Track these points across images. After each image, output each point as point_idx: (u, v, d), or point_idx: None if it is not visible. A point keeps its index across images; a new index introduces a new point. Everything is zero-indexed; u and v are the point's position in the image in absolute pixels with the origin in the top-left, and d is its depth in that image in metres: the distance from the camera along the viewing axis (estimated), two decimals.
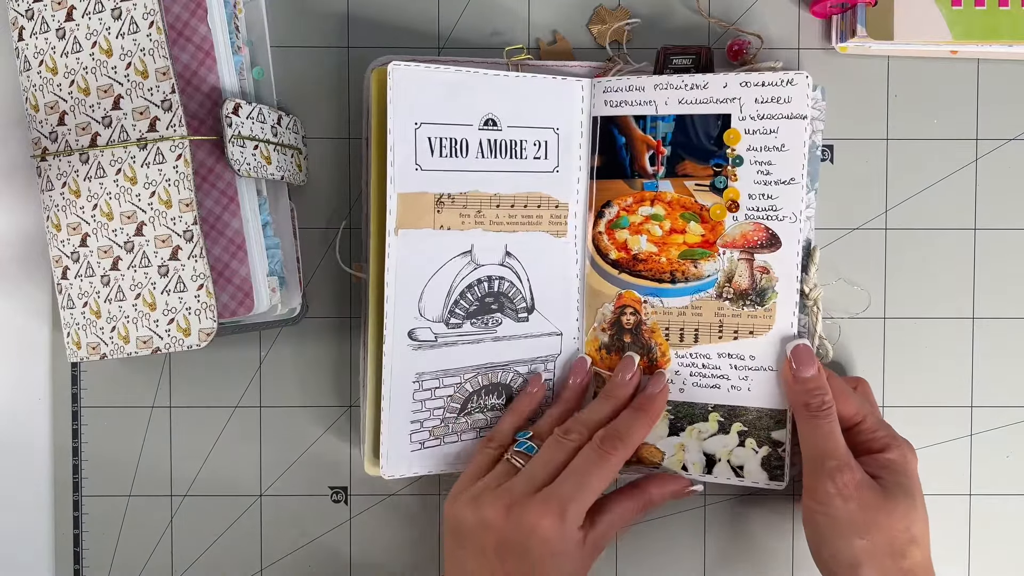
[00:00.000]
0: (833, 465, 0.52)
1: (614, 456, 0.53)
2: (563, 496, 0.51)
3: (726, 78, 0.56)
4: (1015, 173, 0.61)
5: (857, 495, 0.52)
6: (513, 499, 0.52)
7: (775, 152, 0.56)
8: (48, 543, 0.63)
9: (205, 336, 0.54)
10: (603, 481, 0.53)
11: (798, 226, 0.56)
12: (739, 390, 0.57)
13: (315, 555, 0.63)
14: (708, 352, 0.58)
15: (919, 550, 0.52)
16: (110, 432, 0.63)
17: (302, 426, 0.62)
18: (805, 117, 0.55)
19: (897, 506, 0.52)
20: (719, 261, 0.58)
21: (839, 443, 0.53)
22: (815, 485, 0.53)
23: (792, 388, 0.55)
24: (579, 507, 0.52)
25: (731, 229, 0.57)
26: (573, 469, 0.53)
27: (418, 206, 0.56)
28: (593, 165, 0.59)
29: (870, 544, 0.51)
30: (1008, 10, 0.57)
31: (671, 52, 0.57)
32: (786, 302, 0.57)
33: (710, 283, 0.58)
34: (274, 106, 0.59)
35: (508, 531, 0.51)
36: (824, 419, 0.54)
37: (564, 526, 0.51)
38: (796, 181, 0.56)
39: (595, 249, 0.60)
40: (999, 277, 0.61)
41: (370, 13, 0.61)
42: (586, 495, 0.52)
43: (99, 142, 0.55)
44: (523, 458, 0.55)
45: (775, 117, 0.56)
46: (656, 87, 0.57)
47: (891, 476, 0.53)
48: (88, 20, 0.55)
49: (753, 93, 0.56)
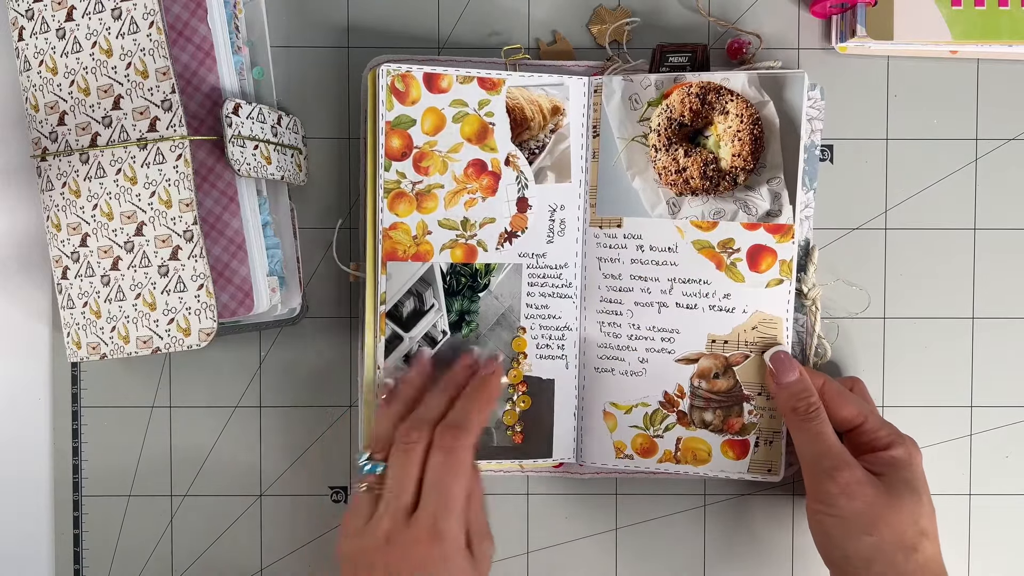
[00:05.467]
0: (830, 464, 0.52)
1: (459, 450, 0.52)
2: (433, 516, 0.50)
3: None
4: (1015, 173, 0.61)
5: (860, 492, 0.52)
6: (388, 530, 0.51)
7: None
8: (48, 543, 0.63)
9: (205, 336, 0.54)
10: (461, 481, 0.51)
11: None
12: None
13: (315, 555, 0.63)
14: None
15: (930, 543, 0.53)
16: (110, 432, 0.63)
17: (302, 426, 0.62)
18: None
19: (902, 501, 0.52)
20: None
21: (832, 443, 0.53)
22: (817, 488, 0.53)
23: (777, 395, 0.56)
24: (452, 521, 0.51)
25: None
26: (431, 484, 0.51)
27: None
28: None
29: (879, 540, 0.51)
30: (1008, 10, 0.57)
31: (667, 50, 0.57)
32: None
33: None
34: (274, 106, 0.59)
35: (396, 564, 0.50)
36: (813, 421, 0.54)
37: (446, 545, 0.50)
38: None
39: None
40: (999, 277, 0.61)
41: (370, 13, 0.61)
42: (453, 504, 0.51)
43: (99, 142, 0.55)
44: (377, 481, 0.53)
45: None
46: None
47: (895, 473, 0.53)
48: (88, 20, 0.55)
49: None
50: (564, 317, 0.59)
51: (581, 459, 0.61)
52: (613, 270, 0.59)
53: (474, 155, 0.58)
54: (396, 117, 0.57)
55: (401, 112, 0.57)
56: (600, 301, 0.59)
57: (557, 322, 0.59)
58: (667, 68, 0.57)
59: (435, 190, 0.58)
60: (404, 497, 0.51)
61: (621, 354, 0.59)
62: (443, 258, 0.58)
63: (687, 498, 0.62)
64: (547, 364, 0.60)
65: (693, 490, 0.62)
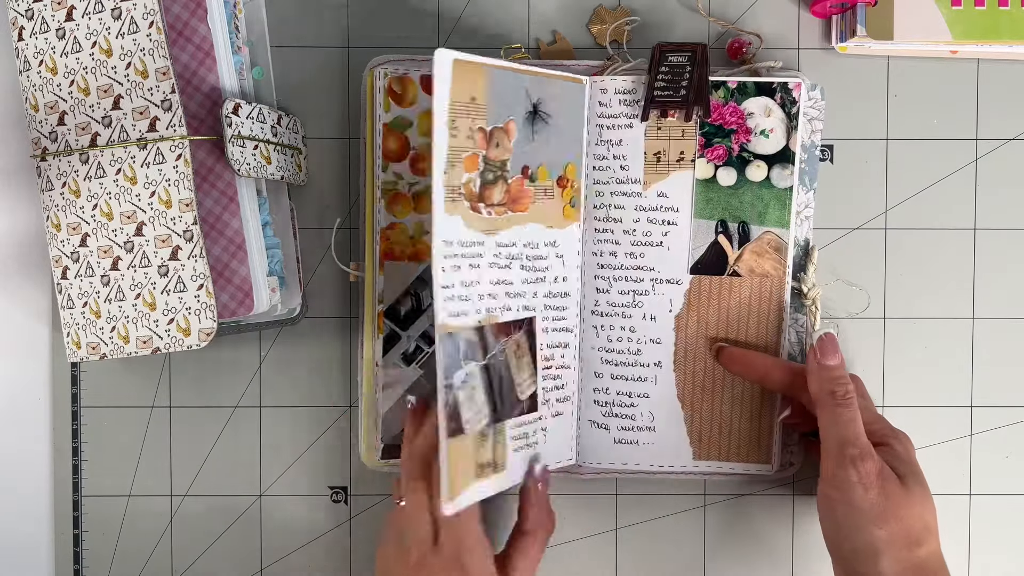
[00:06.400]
0: (855, 452, 0.52)
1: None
2: (456, 552, 0.52)
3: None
4: (1015, 173, 0.61)
5: (879, 484, 0.52)
6: (417, 559, 0.53)
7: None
8: (48, 543, 0.63)
9: (205, 336, 0.54)
10: (471, 514, 0.53)
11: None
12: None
13: (315, 555, 0.63)
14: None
15: (933, 538, 0.53)
16: (110, 432, 0.63)
17: (302, 426, 0.62)
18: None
19: (913, 496, 0.52)
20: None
21: (860, 431, 0.53)
22: (835, 473, 0.53)
23: (817, 376, 0.55)
24: (475, 556, 0.53)
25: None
26: (442, 521, 0.53)
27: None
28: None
29: (888, 534, 0.51)
30: (1008, 10, 0.57)
31: (666, 49, 0.57)
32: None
33: None
34: (274, 106, 0.59)
35: None
36: (848, 407, 0.54)
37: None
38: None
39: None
40: (999, 277, 0.61)
41: (370, 13, 0.61)
42: (471, 542, 0.53)
43: (99, 142, 0.55)
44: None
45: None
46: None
47: (903, 466, 0.53)
48: (88, 20, 0.55)
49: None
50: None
51: (581, 459, 0.61)
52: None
53: None
54: (393, 119, 0.58)
55: (398, 114, 0.57)
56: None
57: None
58: (666, 68, 0.57)
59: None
60: (422, 531, 0.53)
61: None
62: None
63: (687, 498, 0.62)
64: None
65: (693, 490, 0.62)
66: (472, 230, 0.52)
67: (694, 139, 0.58)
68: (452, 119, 0.49)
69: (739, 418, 0.59)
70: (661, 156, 0.58)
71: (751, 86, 0.57)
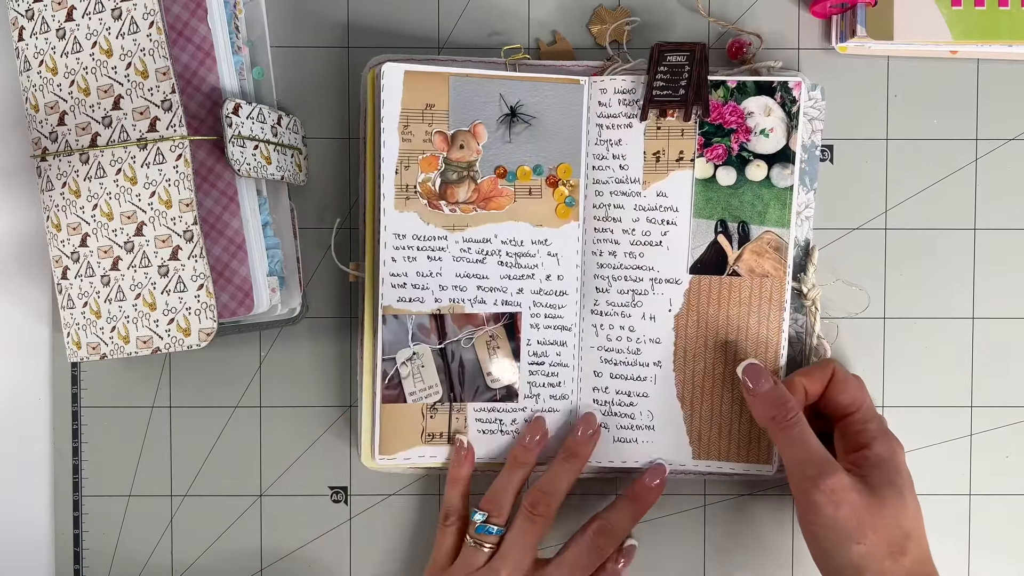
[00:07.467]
0: (814, 472, 0.52)
1: (544, 517, 0.56)
2: None
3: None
4: (1015, 173, 0.61)
5: (845, 498, 0.51)
6: None
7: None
8: (48, 543, 0.63)
9: (205, 336, 0.54)
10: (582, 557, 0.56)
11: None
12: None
13: (315, 555, 0.63)
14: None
15: (916, 545, 0.52)
16: (110, 432, 0.63)
17: (302, 426, 0.62)
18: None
19: (886, 503, 0.52)
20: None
21: (814, 448, 0.53)
22: (804, 498, 0.52)
23: (754, 406, 0.55)
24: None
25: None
26: (564, 561, 0.56)
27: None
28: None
29: (867, 548, 0.51)
30: (1008, 10, 0.57)
31: (665, 48, 0.57)
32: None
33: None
34: (274, 106, 0.59)
35: None
36: (793, 428, 0.53)
37: None
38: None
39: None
40: (999, 277, 0.61)
41: (370, 13, 0.61)
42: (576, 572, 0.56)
43: (99, 142, 0.55)
44: (489, 541, 0.56)
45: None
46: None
47: (878, 472, 0.53)
48: (88, 20, 0.55)
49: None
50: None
51: None
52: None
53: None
54: None
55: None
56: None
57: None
58: (665, 67, 0.57)
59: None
60: (521, 559, 0.55)
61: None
62: None
63: (687, 498, 0.62)
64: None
65: (693, 490, 0.62)
66: (432, 226, 0.57)
67: (693, 139, 0.58)
68: (405, 125, 0.56)
69: (739, 418, 0.59)
70: (660, 156, 0.58)
71: (751, 85, 0.57)
